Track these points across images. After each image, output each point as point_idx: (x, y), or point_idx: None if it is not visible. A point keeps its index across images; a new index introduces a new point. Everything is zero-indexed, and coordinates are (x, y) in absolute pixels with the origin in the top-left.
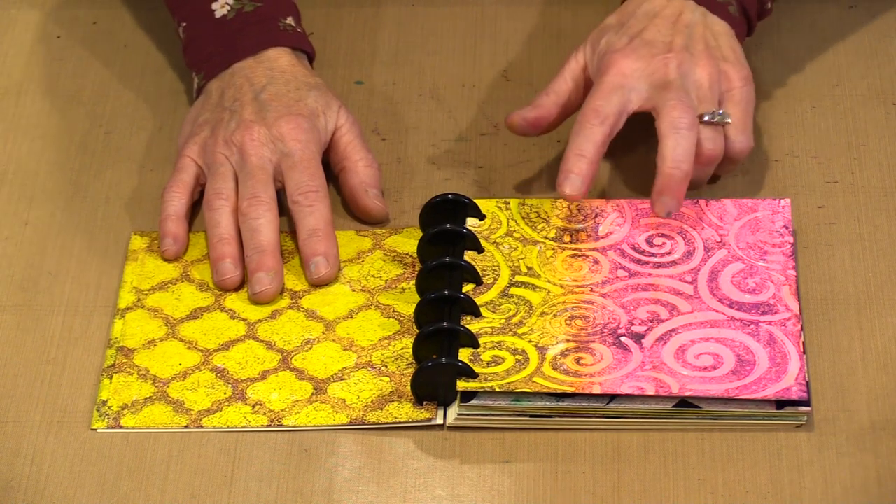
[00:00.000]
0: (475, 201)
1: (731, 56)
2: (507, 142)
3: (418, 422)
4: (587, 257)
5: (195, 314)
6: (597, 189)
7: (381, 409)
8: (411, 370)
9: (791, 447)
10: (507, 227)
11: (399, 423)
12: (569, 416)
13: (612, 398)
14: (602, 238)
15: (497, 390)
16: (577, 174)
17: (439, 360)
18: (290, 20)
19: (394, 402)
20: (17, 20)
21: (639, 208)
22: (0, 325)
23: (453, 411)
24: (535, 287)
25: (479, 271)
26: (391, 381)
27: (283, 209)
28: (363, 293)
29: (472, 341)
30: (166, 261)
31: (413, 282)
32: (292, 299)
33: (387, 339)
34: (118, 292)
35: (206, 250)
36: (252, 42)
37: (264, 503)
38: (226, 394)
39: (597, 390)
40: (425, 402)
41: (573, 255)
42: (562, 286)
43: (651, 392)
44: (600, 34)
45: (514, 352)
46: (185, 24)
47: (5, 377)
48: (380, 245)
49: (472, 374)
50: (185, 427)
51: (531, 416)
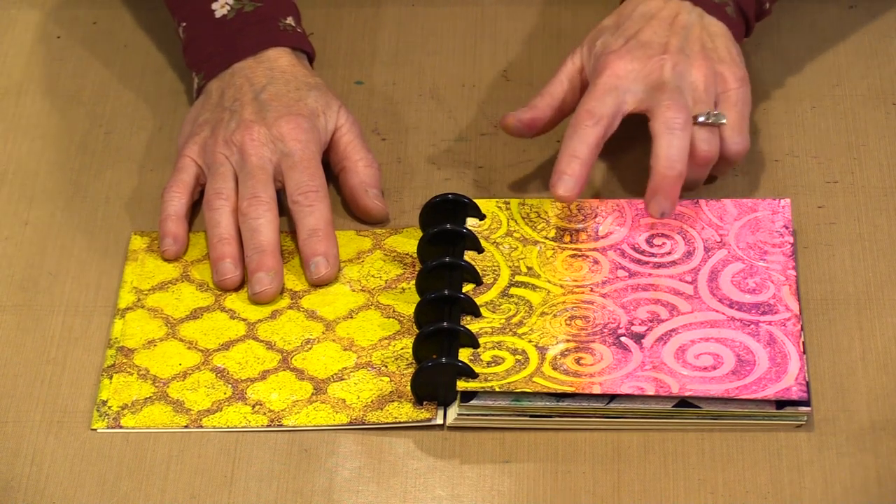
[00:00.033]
0: (475, 201)
1: (727, 57)
2: (507, 142)
3: (418, 422)
4: (587, 257)
5: (195, 314)
6: (596, 189)
7: (381, 409)
8: (411, 370)
9: (791, 447)
10: (506, 227)
11: (399, 423)
12: (569, 416)
13: (612, 398)
14: (602, 238)
15: (497, 390)
16: (570, 175)
17: (439, 360)
18: (290, 20)
19: (394, 402)
20: (17, 20)
21: (638, 208)
22: (0, 325)
23: (453, 411)
24: (535, 287)
25: (479, 271)
26: (391, 381)
27: (283, 209)
28: (363, 293)
29: (472, 341)
30: (166, 261)
31: (413, 282)
32: (292, 299)
33: (387, 339)
34: (118, 292)
35: (206, 250)
36: (252, 42)
37: (264, 503)
38: (226, 394)
39: (597, 390)
40: (425, 402)
41: (573, 255)
42: (562, 286)
43: (651, 392)
44: (597, 35)
45: (514, 352)
46: (185, 24)
47: (5, 377)
48: (380, 245)
49: (472, 374)
50: (185, 427)
51: (531, 416)
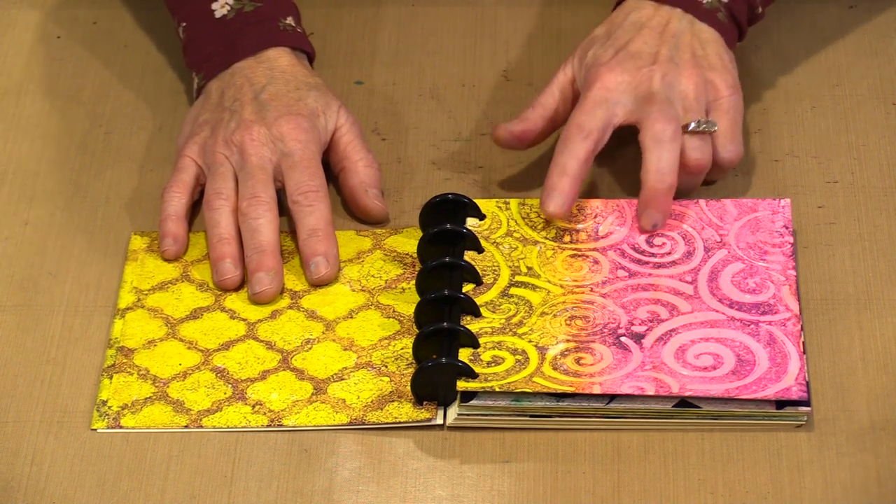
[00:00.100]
0: (475, 201)
1: (718, 64)
2: None
3: (418, 422)
4: (587, 257)
5: (195, 314)
6: (595, 190)
7: (381, 409)
8: (411, 370)
9: (791, 447)
10: (506, 227)
11: (399, 423)
12: (569, 416)
13: (612, 398)
14: (602, 238)
15: (497, 390)
16: (559, 192)
17: (439, 360)
18: (290, 20)
19: (394, 402)
20: (17, 20)
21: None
22: (0, 325)
23: (453, 411)
24: (535, 287)
25: (478, 271)
26: (391, 381)
27: (283, 209)
28: (363, 293)
29: (472, 341)
30: (166, 261)
31: (413, 282)
32: (292, 299)
33: (387, 339)
34: (118, 292)
35: (206, 250)
36: (252, 42)
37: (264, 503)
38: (226, 394)
39: (597, 390)
40: (425, 402)
41: (573, 255)
42: (562, 286)
43: (651, 392)
44: (588, 45)
45: (514, 352)
46: (184, 24)
47: (5, 377)
48: (380, 245)
49: (472, 374)
50: (185, 427)
51: (531, 416)
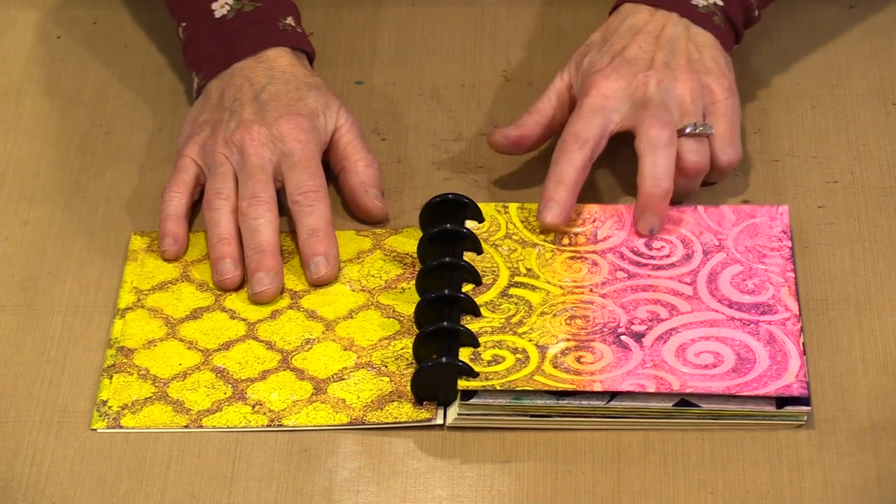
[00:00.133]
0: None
1: (714, 68)
2: None
3: (418, 422)
4: (586, 259)
5: (195, 314)
6: (594, 195)
7: (381, 409)
8: (411, 370)
9: (791, 447)
10: (505, 230)
11: (399, 423)
12: (569, 415)
13: (613, 397)
14: (601, 241)
15: (498, 388)
16: (556, 202)
17: (439, 359)
18: (289, 20)
19: (394, 402)
20: (17, 20)
21: None
22: (0, 325)
23: (453, 411)
24: (534, 287)
25: (478, 271)
26: (391, 381)
27: (283, 209)
28: (363, 293)
29: (472, 341)
30: (166, 261)
31: (413, 282)
32: (292, 299)
33: (387, 339)
34: (118, 292)
35: (206, 250)
36: (252, 42)
37: (264, 503)
38: (226, 394)
39: (598, 388)
40: (425, 402)
41: (572, 257)
42: (561, 287)
43: (652, 389)
44: (584, 52)
45: (515, 351)
46: (184, 25)
47: (5, 377)
48: (380, 245)
49: (472, 374)
50: (185, 427)
51: (531, 416)
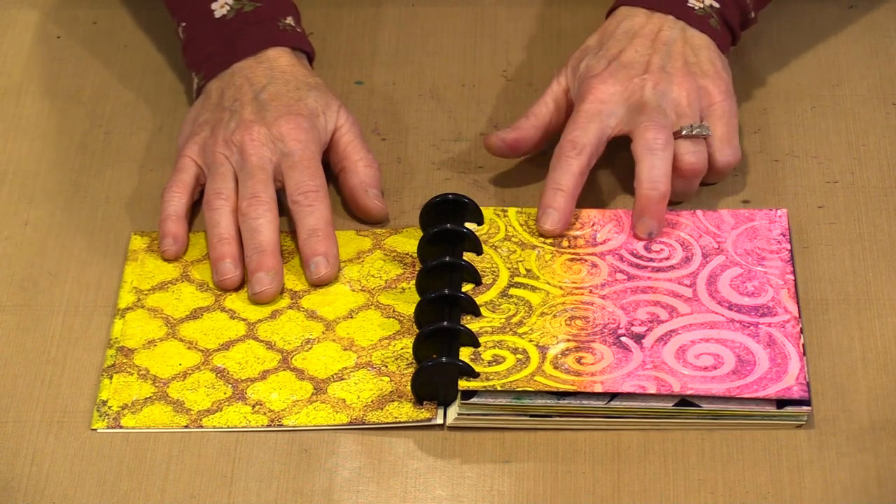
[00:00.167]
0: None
1: (710, 71)
2: None
3: (418, 422)
4: (585, 261)
5: (195, 314)
6: (592, 198)
7: (381, 409)
8: (411, 370)
9: (791, 447)
10: (504, 233)
11: (399, 423)
12: (569, 415)
13: (613, 397)
14: (600, 244)
15: (499, 389)
16: (555, 209)
17: (440, 359)
18: (289, 20)
19: (394, 401)
20: (17, 20)
21: None
22: (0, 325)
23: (453, 411)
24: (534, 288)
25: (478, 271)
26: (391, 380)
27: (283, 209)
28: (363, 293)
29: (472, 341)
30: (166, 261)
31: (413, 282)
32: (292, 299)
33: (387, 338)
34: (118, 292)
35: (206, 250)
36: (252, 42)
37: (264, 503)
38: (226, 394)
39: (598, 389)
40: (425, 402)
41: (572, 259)
42: (561, 287)
43: (652, 390)
44: (581, 56)
45: (515, 351)
46: (184, 25)
47: (5, 377)
48: (380, 245)
49: (472, 374)
50: (185, 427)
51: (531, 416)
